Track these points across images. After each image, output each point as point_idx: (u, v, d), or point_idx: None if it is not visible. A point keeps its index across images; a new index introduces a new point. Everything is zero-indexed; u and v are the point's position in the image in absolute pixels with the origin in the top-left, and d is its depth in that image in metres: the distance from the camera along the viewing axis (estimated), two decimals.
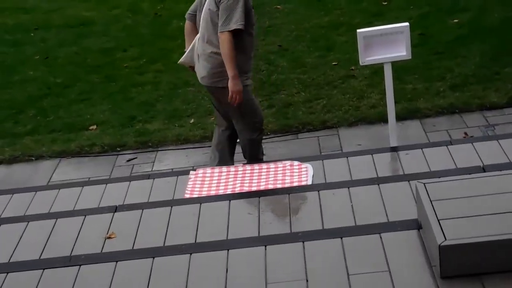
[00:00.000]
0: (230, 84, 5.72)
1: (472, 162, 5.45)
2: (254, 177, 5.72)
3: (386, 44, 5.90)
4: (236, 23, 5.63)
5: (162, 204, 5.20)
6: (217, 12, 5.72)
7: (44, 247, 4.78)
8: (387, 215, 4.61)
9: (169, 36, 10.55)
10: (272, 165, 5.86)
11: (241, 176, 5.74)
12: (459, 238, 3.66)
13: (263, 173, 5.76)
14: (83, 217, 5.09)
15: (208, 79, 5.96)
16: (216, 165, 6.10)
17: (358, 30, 5.88)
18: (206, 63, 5.92)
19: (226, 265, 4.14)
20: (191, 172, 5.95)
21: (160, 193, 5.70)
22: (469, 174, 4.76)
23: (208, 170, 5.93)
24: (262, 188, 5.52)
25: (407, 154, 5.87)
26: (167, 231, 4.77)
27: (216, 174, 5.80)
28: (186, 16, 6.25)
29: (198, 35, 6.05)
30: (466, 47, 8.62)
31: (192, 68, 6.29)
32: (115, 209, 5.17)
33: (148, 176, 6.14)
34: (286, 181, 5.61)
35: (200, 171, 5.94)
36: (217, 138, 6.26)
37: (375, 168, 5.67)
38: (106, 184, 6.03)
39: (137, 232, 4.80)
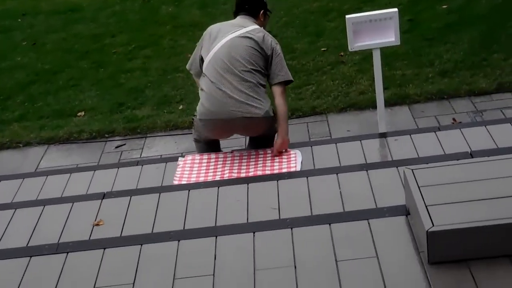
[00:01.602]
0: (284, 133, 5.73)
1: (460, 148, 5.46)
2: (243, 164, 5.71)
3: (375, 30, 5.90)
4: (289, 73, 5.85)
5: (150, 190, 5.19)
6: (259, 51, 5.69)
7: (32, 234, 4.76)
8: (375, 201, 4.61)
9: (159, 22, 10.53)
10: (261, 151, 5.85)
11: (230, 163, 5.74)
12: (447, 224, 3.66)
13: (252, 160, 5.75)
14: (71, 204, 5.06)
15: (262, 111, 5.61)
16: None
17: (347, 16, 5.87)
18: (256, 96, 5.61)
19: (214, 251, 4.13)
20: (180, 158, 5.94)
21: (148, 180, 5.68)
22: (457, 160, 4.79)
23: (197, 156, 5.92)
24: (251, 174, 5.51)
25: (395, 140, 5.87)
26: (155, 218, 4.76)
27: (205, 161, 5.80)
28: (193, 72, 6.08)
29: (210, 78, 5.66)
30: (455, 34, 8.61)
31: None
32: (103, 196, 5.15)
33: (136, 163, 6.12)
34: (275, 167, 5.60)
35: (189, 157, 5.93)
36: None
37: (364, 154, 5.67)
38: (95, 170, 6.01)
39: (125, 219, 4.79)
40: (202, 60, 5.79)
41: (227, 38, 5.65)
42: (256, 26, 5.80)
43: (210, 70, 5.61)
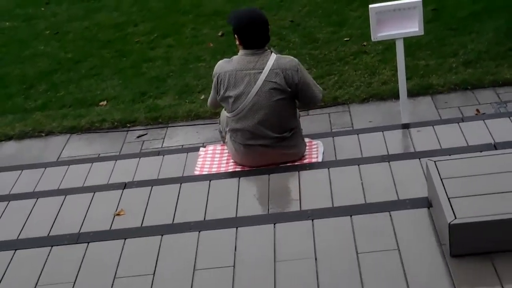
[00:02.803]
0: None
1: (483, 140, 5.41)
2: None
3: (398, 20, 5.84)
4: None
5: (171, 181, 5.19)
6: (289, 93, 5.28)
7: (53, 224, 4.78)
8: (397, 193, 4.58)
9: (181, 11, 10.51)
10: None
11: None
12: (469, 217, 3.63)
13: None
14: (92, 193, 5.08)
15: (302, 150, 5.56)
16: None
17: (371, 6, 5.81)
18: (297, 139, 5.48)
19: (235, 242, 4.12)
20: (201, 148, 5.93)
21: (169, 170, 5.69)
22: (480, 151, 4.74)
23: (218, 146, 5.90)
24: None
25: (418, 131, 5.82)
26: (176, 208, 4.76)
27: (226, 151, 5.78)
28: (211, 107, 5.88)
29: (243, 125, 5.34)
30: (479, 23, 8.53)
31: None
32: (124, 185, 5.16)
33: (158, 153, 6.13)
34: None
35: (210, 147, 5.92)
36: None
37: (386, 145, 5.64)
38: (116, 160, 6.02)
39: (146, 209, 4.79)
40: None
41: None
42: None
43: None
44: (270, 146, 5.32)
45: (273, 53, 5.32)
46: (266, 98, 5.20)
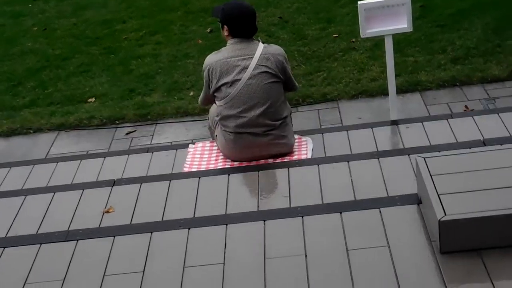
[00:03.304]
0: None
1: (472, 136, 5.42)
2: None
3: (387, 17, 5.84)
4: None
5: (160, 178, 5.17)
6: (280, 79, 5.41)
7: (42, 221, 4.76)
8: (386, 190, 4.57)
9: (169, 8, 10.49)
10: None
11: None
12: (459, 213, 3.63)
13: None
14: (81, 191, 5.06)
15: (291, 141, 5.58)
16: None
17: (359, 2, 5.81)
18: (287, 131, 5.50)
19: (224, 240, 4.11)
20: (190, 145, 5.92)
21: (159, 167, 5.67)
22: (470, 148, 4.74)
23: (208, 143, 5.90)
24: (261, 162, 5.48)
25: (407, 127, 5.83)
26: (165, 205, 4.74)
27: (216, 148, 5.77)
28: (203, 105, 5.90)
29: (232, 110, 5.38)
30: (468, 20, 8.55)
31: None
32: (113, 183, 5.14)
33: (147, 150, 6.11)
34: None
35: (199, 144, 5.91)
36: None
37: (375, 141, 5.64)
38: (105, 157, 6.00)
39: (135, 206, 4.78)
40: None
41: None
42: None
43: None
44: (260, 135, 5.34)
45: (260, 42, 5.45)
46: (258, 81, 5.30)
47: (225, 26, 5.45)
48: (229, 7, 5.47)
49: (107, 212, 4.75)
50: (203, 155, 5.74)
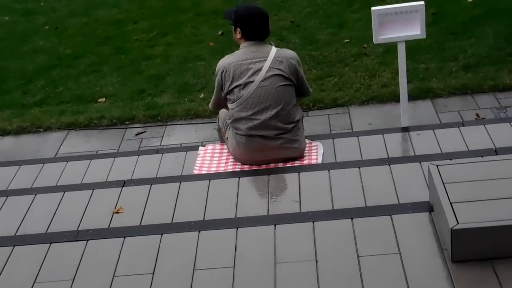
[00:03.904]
0: None
1: (484, 144, 5.40)
2: None
3: (400, 23, 5.83)
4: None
5: (170, 179, 5.17)
6: (293, 82, 5.44)
7: (51, 220, 4.76)
8: (398, 197, 4.56)
9: (180, 9, 10.49)
10: None
11: None
12: (472, 222, 3.62)
13: None
14: (91, 191, 5.06)
15: (303, 146, 5.58)
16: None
17: (373, 8, 5.80)
18: (299, 135, 5.52)
19: (235, 243, 4.11)
20: (200, 147, 5.91)
21: (168, 169, 5.66)
22: (481, 156, 4.74)
23: (218, 146, 5.89)
24: (271, 165, 5.47)
25: (418, 134, 5.81)
26: (175, 207, 4.74)
27: (226, 151, 5.76)
28: (214, 109, 5.80)
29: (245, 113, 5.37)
30: (480, 28, 8.52)
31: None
32: (123, 183, 5.14)
33: (157, 151, 6.11)
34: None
35: (210, 146, 5.90)
36: None
37: (386, 148, 5.62)
38: (115, 158, 6.00)
39: (145, 208, 4.77)
40: None
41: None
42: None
43: None
44: (272, 138, 5.34)
45: (273, 46, 5.48)
46: (271, 84, 5.31)
47: (238, 28, 5.45)
48: (242, 10, 5.48)
49: (117, 212, 4.75)
50: (213, 157, 5.73)
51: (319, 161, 5.50)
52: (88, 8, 10.99)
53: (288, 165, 5.43)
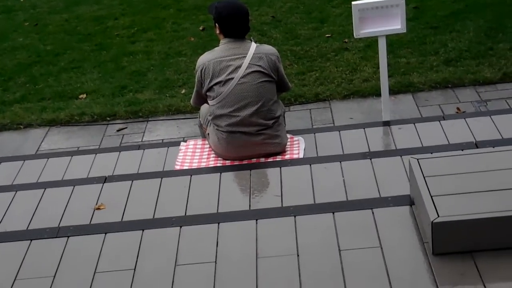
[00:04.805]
0: None
1: (464, 138, 5.42)
2: None
3: (381, 17, 5.83)
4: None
5: (152, 175, 5.16)
6: (273, 78, 5.42)
7: (32, 217, 4.73)
8: (379, 190, 4.57)
9: (162, 5, 10.47)
10: None
11: None
12: (452, 215, 3.63)
13: None
14: (72, 187, 5.03)
15: (284, 141, 5.57)
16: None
17: (353, 3, 5.80)
18: (281, 130, 5.51)
19: (216, 238, 4.10)
20: (182, 143, 5.90)
21: (150, 164, 5.65)
22: (462, 150, 4.75)
23: (199, 141, 5.88)
24: (253, 160, 5.47)
25: (399, 128, 5.83)
26: (157, 203, 4.73)
27: (207, 146, 5.75)
28: (195, 105, 5.81)
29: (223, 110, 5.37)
30: (460, 22, 8.56)
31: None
32: (104, 179, 5.12)
33: (138, 147, 6.09)
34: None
35: (191, 142, 5.89)
36: None
37: (367, 142, 5.63)
38: (96, 154, 5.97)
39: (126, 204, 4.76)
40: None
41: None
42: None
43: None
44: (253, 134, 5.34)
45: (253, 42, 5.44)
46: (251, 81, 5.29)
47: (217, 24, 5.44)
48: (221, 6, 5.44)
49: (98, 209, 4.73)
50: (194, 153, 5.73)
51: (301, 155, 5.51)
52: (69, 5, 10.96)
53: (270, 160, 5.43)
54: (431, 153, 4.53)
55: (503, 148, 4.32)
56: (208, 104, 5.51)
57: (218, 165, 5.48)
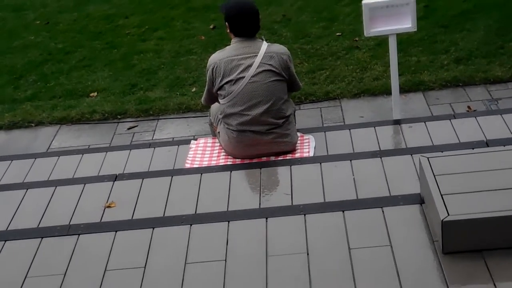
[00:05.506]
0: None
1: (475, 137, 5.40)
2: None
3: (391, 16, 5.83)
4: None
5: (162, 173, 5.16)
6: (284, 77, 5.41)
7: (43, 215, 4.75)
8: (389, 189, 4.56)
9: (171, 4, 10.48)
10: None
11: None
12: (462, 214, 3.63)
13: None
14: (83, 185, 5.05)
15: (294, 140, 5.58)
16: None
17: (364, 2, 5.80)
18: (291, 129, 5.51)
19: (226, 237, 4.10)
20: (192, 141, 5.91)
21: (160, 162, 5.66)
22: (473, 148, 4.74)
23: (209, 140, 5.89)
24: (263, 159, 5.47)
25: (410, 127, 5.82)
26: (167, 201, 4.73)
27: (218, 145, 5.76)
28: (206, 104, 5.81)
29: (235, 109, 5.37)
30: (471, 21, 8.54)
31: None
32: (115, 177, 5.13)
33: (148, 145, 6.10)
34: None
35: (201, 140, 5.90)
36: None
37: (378, 141, 5.63)
38: (106, 152, 5.98)
39: (137, 202, 4.77)
40: None
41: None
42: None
43: None
44: (263, 133, 5.34)
45: (264, 41, 5.44)
46: (262, 80, 5.29)
47: (227, 23, 5.45)
48: (231, 5, 5.45)
49: (109, 207, 4.74)
50: (205, 151, 5.73)
51: (311, 154, 5.51)
52: (79, 3, 10.98)
53: (280, 158, 5.43)
54: (442, 151, 4.52)
55: None
56: (219, 102, 5.52)
57: (228, 163, 5.49)
